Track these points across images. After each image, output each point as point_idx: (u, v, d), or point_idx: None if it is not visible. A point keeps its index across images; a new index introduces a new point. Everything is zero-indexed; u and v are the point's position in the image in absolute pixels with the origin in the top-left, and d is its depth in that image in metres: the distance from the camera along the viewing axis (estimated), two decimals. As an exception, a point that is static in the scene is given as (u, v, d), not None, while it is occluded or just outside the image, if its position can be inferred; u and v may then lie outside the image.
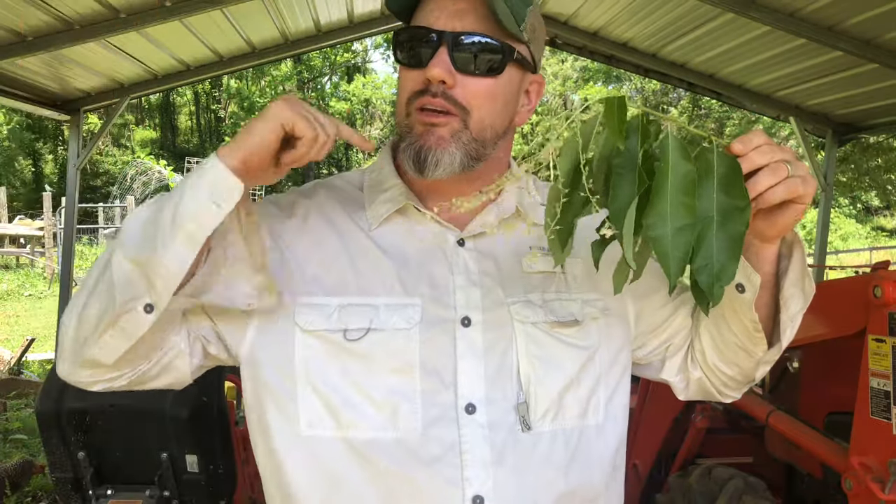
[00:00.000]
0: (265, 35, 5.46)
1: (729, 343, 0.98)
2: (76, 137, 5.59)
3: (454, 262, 0.99)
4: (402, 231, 1.01)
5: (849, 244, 23.39)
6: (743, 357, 0.98)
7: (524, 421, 0.93)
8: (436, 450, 0.91)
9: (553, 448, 0.95)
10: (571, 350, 0.98)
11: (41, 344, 8.95)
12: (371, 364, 0.93)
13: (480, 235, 1.01)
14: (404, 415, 0.92)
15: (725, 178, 0.72)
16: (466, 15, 0.93)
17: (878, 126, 6.11)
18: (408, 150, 0.95)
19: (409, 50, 0.96)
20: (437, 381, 0.93)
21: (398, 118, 1.00)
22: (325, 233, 1.00)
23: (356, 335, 0.93)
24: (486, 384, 0.93)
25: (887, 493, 1.67)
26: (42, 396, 2.27)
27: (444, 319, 0.95)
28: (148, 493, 2.26)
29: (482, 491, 0.90)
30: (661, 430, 2.99)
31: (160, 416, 2.20)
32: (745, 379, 1.03)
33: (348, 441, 0.92)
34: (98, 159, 28.19)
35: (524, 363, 0.95)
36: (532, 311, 0.97)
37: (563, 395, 0.96)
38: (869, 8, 4.07)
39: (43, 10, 3.96)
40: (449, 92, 0.93)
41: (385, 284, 0.96)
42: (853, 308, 1.87)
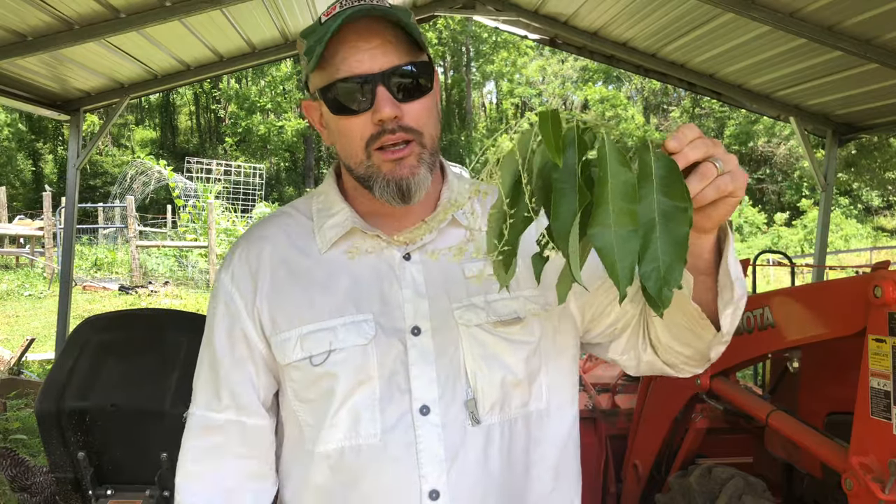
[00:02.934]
0: (265, 35, 5.46)
1: (680, 327, 0.99)
2: (76, 137, 5.59)
3: (402, 277, 1.07)
4: (352, 252, 1.08)
5: (851, 244, 23.40)
6: (694, 339, 1.00)
7: (473, 416, 1.03)
8: (394, 451, 1.01)
9: (502, 438, 1.04)
10: (514, 346, 1.05)
11: (41, 344, 8.95)
12: (337, 382, 1.03)
13: (424, 247, 1.08)
14: (365, 423, 1.02)
15: (665, 180, 0.72)
16: (383, 51, 0.99)
17: (878, 126, 6.11)
18: (387, 189, 1.02)
19: (346, 100, 1.01)
20: (393, 387, 1.02)
21: (354, 163, 1.05)
22: (277, 275, 1.09)
23: (320, 359, 1.04)
24: (438, 386, 1.02)
25: (887, 492, 1.67)
26: (42, 396, 2.27)
27: (395, 330, 1.04)
28: (148, 493, 2.26)
29: (437, 485, 1.00)
30: (661, 430, 2.99)
31: (160, 416, 2.20)
32: (702, 358, 1.04)
33: (325, 455, 1.04)
34: (98, 159, 28.20)
35: (470, 362, 1.03)
36: (475, 314, 1.05)
37: (508, 387, 1.04)
38: (869, 8, 4.07)
39: (43, 10, 3.96)
40: (401, 123, 1.00)
41: (338, 306, 1.05)
42: (853, 308, 1.87)
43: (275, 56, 5.96)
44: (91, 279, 15.07)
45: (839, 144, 6.36)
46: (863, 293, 1.81)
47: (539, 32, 5.97)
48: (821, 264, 6.40)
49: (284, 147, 30.92)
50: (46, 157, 30.10)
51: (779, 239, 24.72)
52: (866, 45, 4.47)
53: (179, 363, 2.28)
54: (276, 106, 30.43)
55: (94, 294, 13.62)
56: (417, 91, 1.02)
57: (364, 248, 1.08)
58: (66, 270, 5.87)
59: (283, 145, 30.71)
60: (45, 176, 28.81)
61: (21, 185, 27.67)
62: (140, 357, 2.33)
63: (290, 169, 33.63)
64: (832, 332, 2.02)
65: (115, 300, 13.13)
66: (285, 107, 30.90)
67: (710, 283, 0.92)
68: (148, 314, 3.30)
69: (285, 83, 30.25)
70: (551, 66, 30.59)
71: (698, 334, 0.98)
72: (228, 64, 5.74)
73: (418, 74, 1.02)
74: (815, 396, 2.51)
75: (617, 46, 5.68)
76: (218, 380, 1.13)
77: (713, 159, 0.77)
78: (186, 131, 36.49)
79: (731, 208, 0.81)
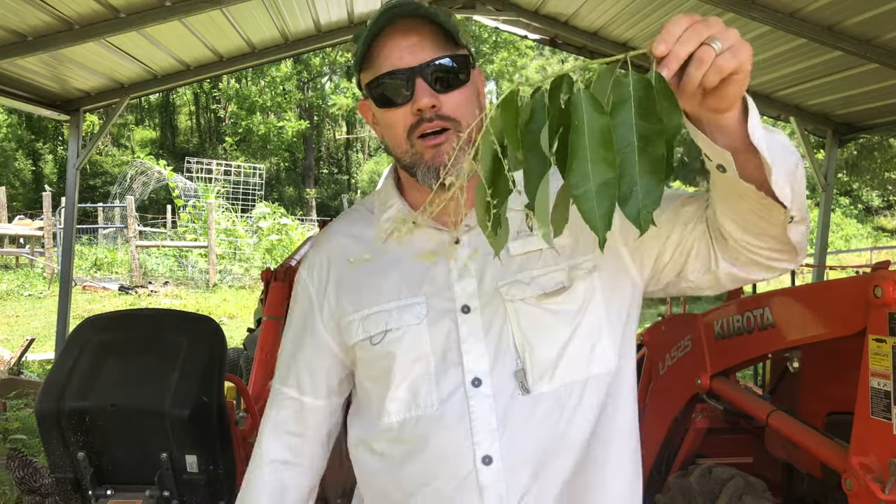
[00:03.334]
0: (265, 35, 5.46)
1: (748, 217, 0.97)
2: (76, 137, 5.59)
3: (451, 260, 1.15)
4: (406, 240, 1.18)
5: (851, 244, 23.39)
6: (767, 225, 0.97)
7: (522, 386, 1.09)
8: (450, 421, 1.08)
9: (551, 405, 1.08)
10: (560, 316, 1.10)
11: (41, 344, 8.95)
12: (394, 359, 1.12)
13: (472, 230, 1.15)
14: (423, 395, 1.11)
15: (643, 101, 0.72)
16: (423, 45, 1.09)
17: (878, 126, 6.11)
18: (427, 174, 1.11)
19: (389, 93, 1.10)
20: (447, 363, 1.10)
21: (400, 152, 1.14)
22: (343, 266, 1.23)
23: (378, 338, 1.14)
24: (488, 360, 1.09)
25: (887, 492, 1.67)
26: (42, 396, 2.27)
27: (446, 310, 1.12)
28: (148, 493, 2.26)
29: (490, 451, 1.07)
30: (662, 431, 2.99)
31: (160, 416, 2.20)
32: (785, 245, 1.00)
33: (388, 426, 1.14)
34: (98, 159, 28.19)
35: (518, 336, 1.10)
36: (520, 290, 1.11)
37: (554, 357, 1.09)
38: (869, 8, 4.07)
39: (43, 10, 3.96)
40: (439, 112, 1.08)
41: (393, 291, 1.15)
42: (853, 308, 1.87)
43: (275, 56, 5.96)
44: (91, 279, 15.07)
45: (839, 144, 6.36)
46: (863, 293, 1.81)
47: (539, 32, 5.97)
48: (821, 264, 6.40)
49: (284, 147, 30.89)
50: (46, 157, 30.08)
51: (779, 239, 24.67)
52: (866, 45, 4.47)
53: (179, 363, 2.28)
54: (276, 106, 30.40)
55: (94, 294, 13.62)
56: (454, 82, 1.10)
57: (416, 235, 1.17)
58: (66, 270, 5.87)
59: (283, 145, 30.68)
60: (45, 176, 28.80)
61: (21, 185, 27.66)
62: (140, 357, 2.33)
63: (290, 169, 33.61)
64: (832, 332, 2.02)
65: (115, 300, 13.13)
66: (285, 107, 30.88)
67: (755, 161, 0.88)
68: (148, 314, 3.30)
69: (285, 83, 30.22)
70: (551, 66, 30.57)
71: (767, 218, 0.95)
72: (228, 64, 5.74)
73: (454, 67, 1.10)
74: (815, 396, 2.51)
75: (617, 46, 5.68)
76: (290, 358, 1.28)
77: (710, 40, 0.76)
78: (186, 131, 36.48)
79: (742, 84, 0.79)
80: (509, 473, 1.07)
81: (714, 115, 0.84)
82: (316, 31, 5.72)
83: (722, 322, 2.60)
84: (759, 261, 1.04)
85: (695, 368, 2.73)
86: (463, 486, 1.08)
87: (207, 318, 2.51)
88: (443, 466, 1.09)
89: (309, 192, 30.99)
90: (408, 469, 1.13)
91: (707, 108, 0.83)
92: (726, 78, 0.77)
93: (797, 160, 0.92)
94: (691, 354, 2.79)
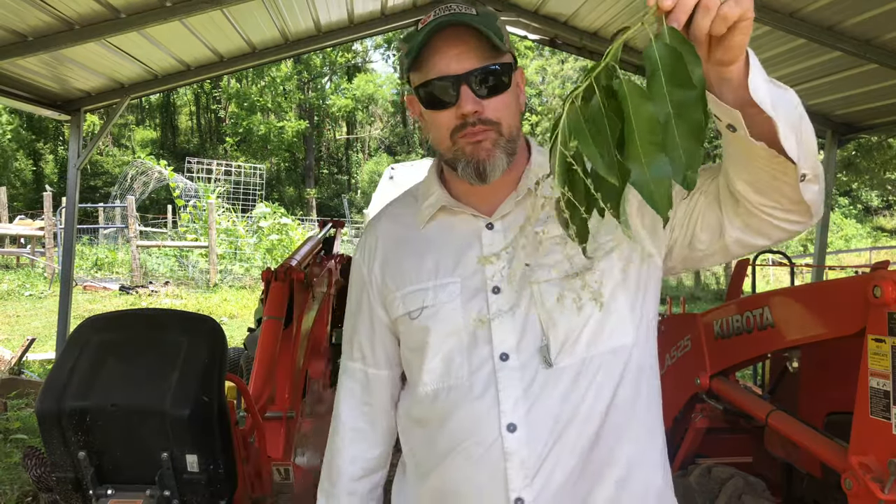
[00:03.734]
0: (265, 35, 5.46)
1: (762, 177, 1.00)
2: (76, 137, 5.59)
3: (485, 244, 1.25)
4: (445, 226, 1.30)
5: (850, 245, 23.38)
6: (782, 185, 1.00)
7: (546, 360, 1.17)
8: (478, 391, 1.19)
9: (573, 377, 1.17)
10: (581, 294, 1.18)
11: (41, 344, 8.95)
12: (429, 334, 1.24)
13: (506, 216, 1.26)
14: (455, 367, 1.22)
15: (670, 68, 0.74)
16: (468, 54, 1.18)
17: (877, 126, 6.11)
18: (467, 168, 1.21)
19: (437, 96, 1.20)
20: (478, 338, 1.21)
21: (443, 149, 1.25)
22: (388, 248, 1.35)
23: (416, 314, 1.26)
24: (515, 336, 1.19)
25: (887, 492, 1.67)
26: (42, 396, 2.27)
27: (478, 290, 1.22)
28: (148, 493, 2.26)
29: (514, 419, 1.16)
30: (661, 430, 2.99)
31: (161, 415, 2.20)
32: (799, 205, 1.03)
33: (425, 394, 1.26)
34: (98, 159, 28.19)
35: (543, 314, 1.18)
36: (546, 272, 1.20)
37: (576, 333, 1.18)
38: (869, 8, 4.07)
39: (43, 10, 3.96)
40: (481, 116, 1.18)
41: (431, 271, 1.27)
42: (853, 308, 1.87)
43: (275, 56, 5.96)
44: (91, 279, 15.07)
45: (839, 145, 6.36)
46: (862, 293, 1.81)
47: (539, 32, 5.97)
48: (820, 264, 6.40)
49: (284, 147, 30.89)
50: (47, 157, 30.08)
51: (779, 239, 24.67)
52: (866, 45, 4.47)
53: (180, 363, 2.28)
54: (276, 106, 30.40)
55: (94, 294, 13.63)
56: (497, 88, 1.19)
57: (454, 221, 1.29)
58: (67, 270, 5.87)
59: (284, 145, 30.68)
60: (46, 176, 28.80)
61: (21, 186, 27.66)
62: (140, 357, 2.33)
63: (291, 169, 33.61)
64: (832, 332, 2.03)
65: (115, 300, 13.14)
66: (286, 107, 30.88)
67: (764, 115, 0.90)
68: (148, 314, 3.30)
69: (286, 83, 30.22)
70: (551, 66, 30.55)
71: (781, 177, 0.98)
72: (229, 64, 5.74)
73: (497, 74, 1.19)
74: (815, 396, 2.51)
75: (617, 46, 5.68)
76: (352, 334, 1.41)
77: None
78: (187, 131, 36.48)
79: (747, 32, 0.82)
80: (532, 440, 1.15)
81: (721, 70, 0.87)
82: (316, 31, 5.72)
83: (721, 322, 2.60)
84: (774, 223, 1.07)
85: (694, 368, 2.73)
86: (490, 451, 1.17)
87: (208, 318, 2.52)
88: (472, 432, 1.19)
89: (309, 192, 30.99)
90: (441, 434, 1.23)
91: (714, 62, 0.86)
92: (732, 26, 0.80)
93: (801, 114, 0.95)
94: (691, 354, 2.79)
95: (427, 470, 1.28)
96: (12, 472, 4.73)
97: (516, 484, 1.15)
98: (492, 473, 1.17)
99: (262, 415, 3.02)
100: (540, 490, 1.15)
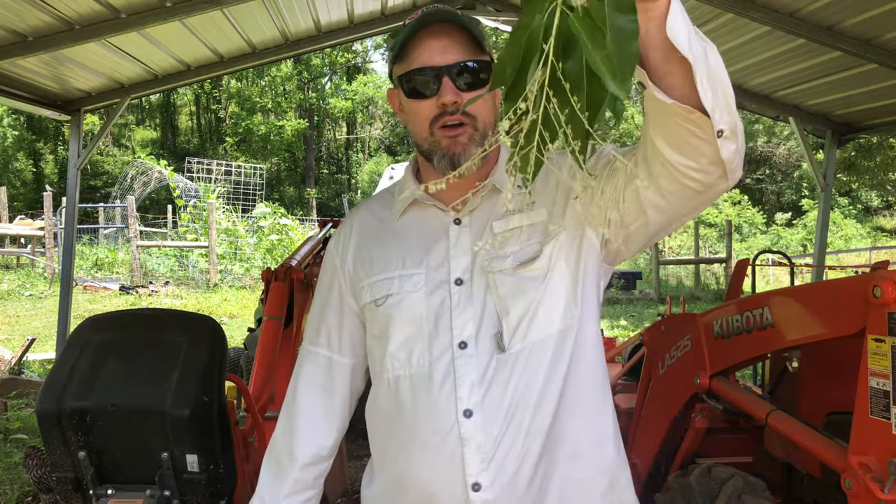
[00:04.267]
0: (265, 35, 5.46)
1: (679, 133, 0.99)
2: (76, 137, 5.59)
3: (451, 238, 1.30)
4: (416, 219, 1.35)
5: (850, 245, 23.39)
6: (699, 142, 0.99)
7: (500, 346, 1.22)
8: (437, 378, 1.23)
9: (525, 361, 1.21)
10: (533, 282, 1.24)
11: (42, 344, 8.95)
12: (392, 321, 1.28)
13: (473, 211, 1.31)
14: (417, 356, 1.26)
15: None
16: (452, 48, 1.24)
17: (878, 126, 6.11)
18: (443, 160, 1.26)
19: (419, 86, 1.26)
20: (439, 327, 1.25)
21: (421, 139, 1.30)
22: (363, 239, 1.40)
23: (381, 301, 1.31)
24: (474, 325, 1.24)
25: (887, 492, 1.67)
26: (42, 396, 2.27)
27: (442, 282, 1.28)
28: (148, 493, 2.26)
29: (470, 405, 1.20)
30: (661, 430, 3.00)
31: (161, 415, 2.20)
32: (717, 165, 1.02)
33: (388, 382, 1.29)
34: (98, 159, 28.19)
35: (497, 303, 1.24)
36: (500, 262, 1.26)
37: (528, 318, 1.23)
38: (869, 8, 4.08)
39: (43, 10, 3.96)
40: (460, 107, 1.23)
41: (398, 261, 1.32)
42: (853, 308, 1.87)
43: (275, 56, 5.97)
44: (92, 279, 15.07)
45: (839, 144, 6.36)
46: (862, 293, 1.81)
47: (539, 32, 5.96)
48: (820, 264, 6.40)
49: (285, 147, 30.90)
50: (47, 157, 30.08)
51: (778, 239, 24.70)
52: (866, 45, 4.47)
53: (179, 363, 2.28)
54: (276, 106, 30.40)
55: (94, 294, 13.63)
56: (477, 84, 1.25)
57: (424, 216, 1.34)
58: (67, 270, 5.87)
59: (284, 145, 30.68)
60: (46, 176, 28.80)
61: (22, 186, 27.67)
62: (140, 357, 2.34)
63: (291, 169, 33.61)
64: (831, 332, 2.02)
65: (115, 300, 13.14)
66: (286, 107, 30.88)
67: (681, 69, 0.92)
68: (148, 314, 3.31)
69: (286, 83, 30.21)
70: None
71: (697, 134, 0.97)
72: (229, 64, 5.74)
73: (478, 70, 1.25)
74: (815, 396, 2.51)
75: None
76: (319, 319, 1.44)
77: None
78: (187, 131, 36.47)
79: None
80: (487, 425, 1.19)
81: (646, 4, 0.86)
82: (316, 31, 5.73)
83: (721, 322, 2.60)
84: (692, 185, 1.05)
85: (694, 368, 2.73)
86: (447, 437, 1.21)
87: (208, 318, 2.52)
88: (430, 420, 1.22)
89: (309, 192, 30.98)
90: (401, 422, 1.27)
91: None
92: None
93: (720, 66, 0.94)
94: (691, 354, 2.79)
95: (390, 458, 1.31)
96: (12, 472, 4.73)
97: (473, 469, 1.19)
98: (449, 459, 1.20)
99: (262, 415, 3.02)
100: (496, 473, 1.19)
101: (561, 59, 0.79)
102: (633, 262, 19.91)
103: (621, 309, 13.54)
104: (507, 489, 1.19)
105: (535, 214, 1.29)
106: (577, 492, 1.25)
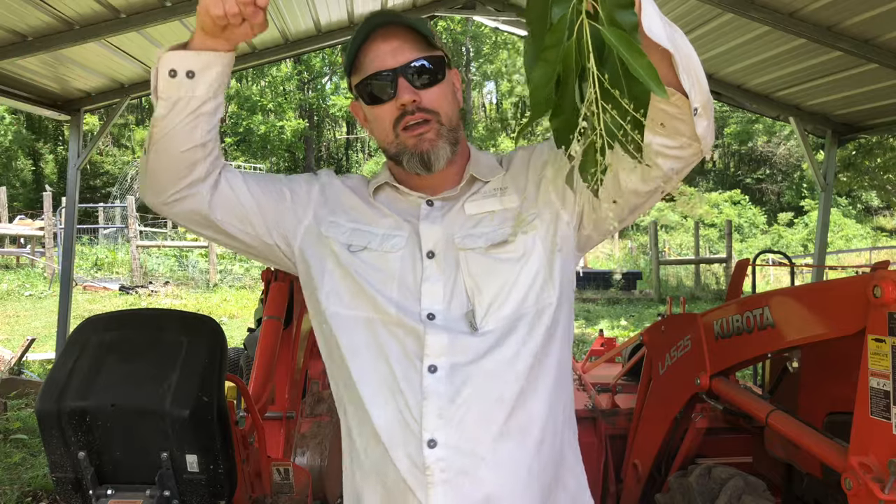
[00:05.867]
0: (265, 35, 5.46)
1: (656, 117, 1.05)
2: (76, 138, 5.59)
3: (424, 216, 1.33)
4: (390, 198, 1.38)
5: (851, 245, 23.39)
6: (677, 122, 1.06)
7: (471, 325, 1.23)
8: (408, 326, 1.22)
9: (496, 340, 1.22)
10: (505, 263, 1.26)
11: (41, 344, 8.96)
12: (366, 269, 1.28)
13: (447, 197, 1.34)
14: (381, 304, 1.25)
15: None
16: (402, 49, 1.27)
17: (878, 126, 6.11)
18: (412, 160, 1.28)
19: (376, 91, 1.28)
20: (407, 293, 1.26)
21: (387, 143, 1.32)
22: (343, 196, 1.39)
23: (357, 249, 1.30)
24: (442, 299, 1.25)
25: (887, 492, 1.67)
26: (42, 396, 2.27)
27: (415, 252, 1.29)
28: (148, 493, 2.26)
29: (436, 362, 1.20)
30: (661, 430, 2.99)
31: (160, 415, 2.20)
32: (693, 140, 1.09)
33: (354, 318, 1.27)
34: (98, 160, 28.18)
35: (468, 281, 1.26)
36: (472, 241, 1.28)
37: (500, 299, 1.24)
38: (869, 8, 4.08)
39: (43, 10, 3.97)
40: (420, 105, 1.26)
41: (382, 223, 1.33)
42: (853, 308, 1.87)
43: (275, 56, 5.97)
44: (91, 279, 15.07)
45: (839, 144, 6.36)
46: (862, 293, 1.81)
47: (539, 32, 5.96)
48: (820, 264, 6.40)
49: (284, 147, 30.90)
50: (47, 158, 30.07)
51: (779, 239, 24.71)
52: (866, 45, 4.47)
53: (179, 363, 2.28)
54: (276, 106, 30.41)
55: (94, 294, 13.63)
56: (432, 80, 1.28)
57: (398, 197, 1.37)
58: (67, 270, 5.87)
59: (283, 145, 30.69)
60: (46, 176, 28.79)
61: (21, 186, 27.66)
62: (140, 357, 2.33)
63: (290, 169, 33.60)
64: (832, 332, 2.02)
65: (115, 300, 13.14)
66: (286, 107, 30.88)
67: (657, 56, 0.96)
68: (148, 314, 3.30)
69: (286, 83, 30.22)
70: (551, 66, 30.44)
71: (676, 115, 1.05)
72: (229, 64, 5.73)
73: (431, 66, 1.28)
74: (815, 396, 2.51)
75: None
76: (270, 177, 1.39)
77: None
78: (187, 131, 36.40)
79: None
80: (449, 380, 1.19)
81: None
82: (316, 31, 5.73)
83: (721, 322, 2.60)
84: (671, 164, 1.12)
85: (694, 368, 2.73)
86: (410, 384, 1.20)
87: (207, 318, 2.51)
88: (398, 363, 1.22)
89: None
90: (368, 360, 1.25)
91: None
92: None
93: (689, 47, 1.02)
94: (691, 354, 2.79)
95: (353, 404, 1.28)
96: (12, 472, 4.73)
97: (430, 423, 1.18)
98: (407, 409, 1.20)
99: (262, 415, 3.01)
100: (453, 432, 1.18)
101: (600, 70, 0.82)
102: (634, 262, 19.91)
103: (621, 309, 13.54)
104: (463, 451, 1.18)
105: (508, 200, 1.33)
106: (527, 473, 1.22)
